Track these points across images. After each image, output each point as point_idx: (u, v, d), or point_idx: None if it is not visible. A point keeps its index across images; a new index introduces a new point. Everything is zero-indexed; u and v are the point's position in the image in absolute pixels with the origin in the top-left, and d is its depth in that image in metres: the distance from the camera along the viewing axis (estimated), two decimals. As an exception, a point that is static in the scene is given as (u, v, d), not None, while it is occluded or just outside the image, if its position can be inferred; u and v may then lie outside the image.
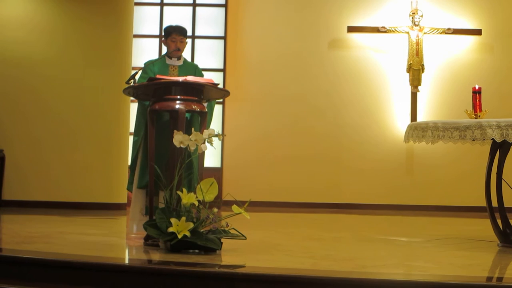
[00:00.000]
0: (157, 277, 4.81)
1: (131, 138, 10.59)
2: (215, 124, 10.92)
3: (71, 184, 10.29)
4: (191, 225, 5.50)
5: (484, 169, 6.66)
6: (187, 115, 6.34)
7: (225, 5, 11.95)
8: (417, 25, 11.67)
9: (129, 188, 6.74)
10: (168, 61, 6.82)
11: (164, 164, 6.23)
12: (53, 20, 10.46)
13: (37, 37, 10.44)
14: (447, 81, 11.83)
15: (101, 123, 10.37)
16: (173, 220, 5.50)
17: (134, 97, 6.57)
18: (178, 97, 6.17)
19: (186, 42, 6.87)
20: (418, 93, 11.70)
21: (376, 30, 11.73)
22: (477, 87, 6.74)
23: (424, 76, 11.67)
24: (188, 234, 5.47)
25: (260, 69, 11.93)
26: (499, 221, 6.58)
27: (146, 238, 6.14)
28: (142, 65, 6.92)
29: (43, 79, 10.37)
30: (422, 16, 11.67)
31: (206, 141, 5.71)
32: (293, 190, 11.71)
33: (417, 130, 6.69)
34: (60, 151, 10.32)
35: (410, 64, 11.62)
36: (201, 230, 5.58)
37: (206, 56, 11.87)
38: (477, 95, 6.71)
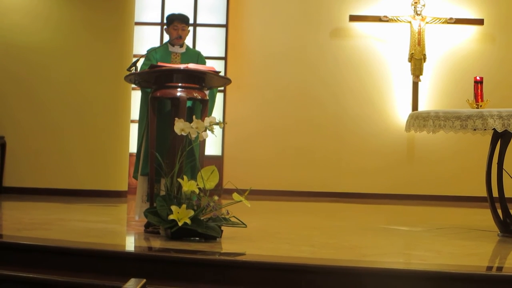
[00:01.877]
0: (158, 264, 4.83)
1: (132, 126, 10.64)
2: (216, 112, 10.91)
3: (72, 171, 10.29)
4: (192, 212, 5.50)
5: (485, 159, 6.66)
6: (188, 102, 6.33)
7: (227, -7, 11.92)
8: (419, 14, 11.64)
9: (135, 176, 6.74)
10: (170, 48, 6.81)
11: (165, 152, 6.23)
12: (57, 10, 10.44)
13: (41, 25, 10.41)
14: (448, 71, 11.82)
15: (102, 110, 10.37)
16: (173, 208, 5.50)
17: (135, 84, 6.57)
18: (180, 84, 6.16)
19: (189, 30, 6.86)
20: (419, 83, 11.69)
21: (378, 19, 11.69)
22: (478, 77, 6.73)
23: (425, 66, 11.65)
24: (188, 221, 5.47)
25: (262, 58, 11.91)
26: (499, 211, 6.58)
27: (147, 225, 6.15)
28: (144, 53, 6.91)
29: (44, 65, 10.35)
30: (424, 5, 11.64)
31: (207, 128, 5.71)
32: (294, 179, 11.71)
33: (418, 120, 6.68)
34: (61, 138, 10.33)
35: (412, 53, 11.60)
36: (202, 218, 5.59)
37: (208, 44, 11.85)
38: (479, 85, 6.70)
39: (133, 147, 10.79)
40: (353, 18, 11.73)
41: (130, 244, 5.96)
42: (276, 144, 11.78)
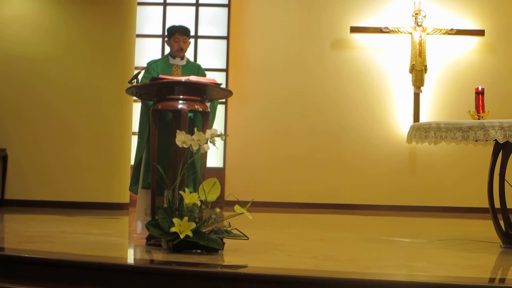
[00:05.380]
0: (159, 277, 4.81)
1: (133, 138, 10.63)
2: (218, 124, 10.92)
3: (74, 183, 10.29)
4: (194, 225, 5.49)
5: (486, 170, 6.65)
6: (190, 115, 6.33)
7: (228, 5, 11.95)
8: (420, 25, 11.66)
9: (132, 190, 6.72)
10: (171, 60, 6.82)
11: (167, 164, 6.23)
12: (56, 20, 10.48)
13: (41, 37, 10.46)
14: (450, 82, 11.83)
15: (104, 122, 10.38)
16: (175, 220, 5.49)
17: (136, 97, 6.57)
18: (181, 97, 6.17)
19: (189, 42, 6.86)
20: (421, 94, 11.70)
21: (379, 30, 11.72)
22: (480, 88, 6.73)
23: (427, 77, 11.66)
24: (190, 234, 5.46)
25: (263, 69, 11.93)
26: (501, 222, 6.57)
27: (149, 238, 6.14)
28: (145, 65, 6.91)
29: (46, 78, 10.38)
30: (425, 16, 11.66)
31: (208, 141, 5.71)
32: (296, 191, 11.71)
33: (420, 131, 6.68)
34: (62, 150, 10.34)
35: (413, 64, 11.61)
36: (204, 230, 5.58)
37: (209, 56, 11.88)
38: (480, 96, 6.70)
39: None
40: (354, 29, 11.75)
41: (131, 256, 5.95)
42: (278, 155, 11.79)
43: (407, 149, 11.64)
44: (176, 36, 6.78)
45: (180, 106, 6.16)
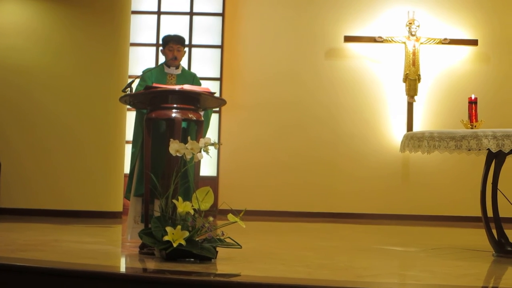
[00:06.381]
0: (152, 285, 4.81)
1: (127, 147, 10.63)
2: (212, 133, 10.93)
3: (66, 192, 10.28)
4: (187, 233, 5.49)
5: (479, 179, 6.67)
6: (183, 123, 6.34)
7: (222, 14, 11.97)
8: (414, 35, 11.69)
9: (127, 197, 6.74)
10: (166, 69, 6.83)
11: (160, 173, 6.23)
12: (49, 28, 10.48)
13: (34, 44, 10.45)
14: (443, 91, 11.85)
15: (97, 131, 10.37)
16: (168, 229, 5.50)
17: (130, 106, 6.57)
18: (175, 105, 6.18)
19: (184, 51, 6.88)
20: (414, 103, 11.72)
21: (372, 40, 11.74)
22: (473, 97, 6.76)
23: (420, 86, 11.69)
24: (183, 242, 5.46)
25: (257, 78, 11.94)
26: (494, 231, 6.58)
27: (142, 247, 6.14)
28: (139, 74, 6.92)
29: (39, 86, 10.38)
30: (418, 26, 11.69)
31: (202, 150, 5.71)
32: (289, 199, 11.71)
33: (413, 140, 6.70)
34: (56, 159, 10.32)
35: (407, 74, 11.64)
36: (197, 239, 5.58)
37: (203, 65, 11.88)
38: (473, 105, 6.73)
39: (128, 168, 10.79)
40: (348, 38, 11.78)
41: (124, 265, 5.94)
42: (272, 164, 11.78)
43: (400, 158, 11.65)
44: (171, 45, 6.79)
45: (173, 115, 6.17)
